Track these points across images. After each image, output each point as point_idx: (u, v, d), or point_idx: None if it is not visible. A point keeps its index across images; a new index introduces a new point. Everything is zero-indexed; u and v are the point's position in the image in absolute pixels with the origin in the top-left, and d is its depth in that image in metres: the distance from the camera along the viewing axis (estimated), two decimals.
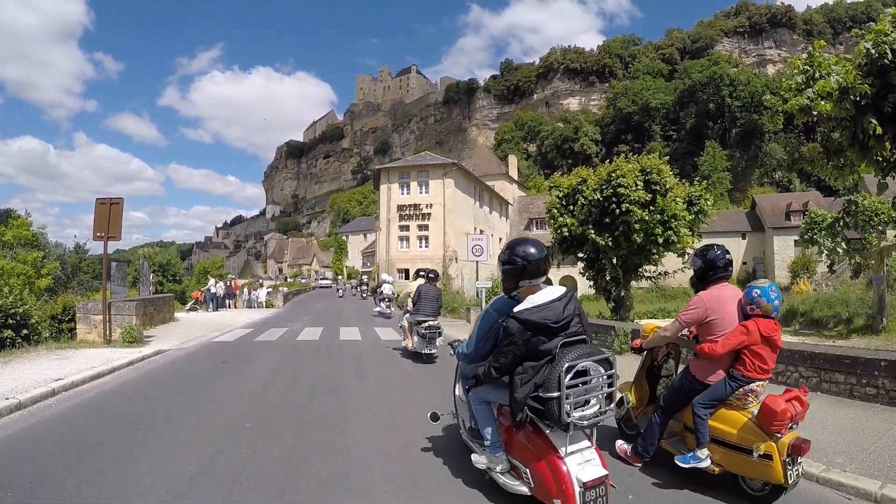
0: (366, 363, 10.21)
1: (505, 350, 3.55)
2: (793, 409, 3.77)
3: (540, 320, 3.46)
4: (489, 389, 3.93)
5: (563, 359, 3.41)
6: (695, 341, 4.44)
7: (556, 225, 18.09)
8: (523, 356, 3.50)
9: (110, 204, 12.03)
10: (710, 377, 4.20)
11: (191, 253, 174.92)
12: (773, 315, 4.13)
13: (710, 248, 4.46)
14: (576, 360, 3.43)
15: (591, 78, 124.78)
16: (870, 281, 20.79)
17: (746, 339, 4.06)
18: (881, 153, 8.76)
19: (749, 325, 4.09)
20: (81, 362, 9.23)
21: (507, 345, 3.53)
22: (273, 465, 4.59)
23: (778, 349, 4.18)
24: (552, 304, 3.54)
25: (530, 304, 3.56)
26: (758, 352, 4.06)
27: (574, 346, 3.52)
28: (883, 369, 6.16)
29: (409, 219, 43.17)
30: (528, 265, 3.68)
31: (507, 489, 3.80)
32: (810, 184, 73.35)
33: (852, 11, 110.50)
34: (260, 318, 21.78)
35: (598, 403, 3.55)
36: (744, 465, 3.94)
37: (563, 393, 3.33)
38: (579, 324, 3.63)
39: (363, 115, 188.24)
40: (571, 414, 3.37)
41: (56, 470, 4.46)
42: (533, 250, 3.72)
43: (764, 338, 4.06)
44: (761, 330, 4.06)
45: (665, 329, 4.62)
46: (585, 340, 3.62)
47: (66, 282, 27.80)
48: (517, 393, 3.48)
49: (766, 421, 3.81)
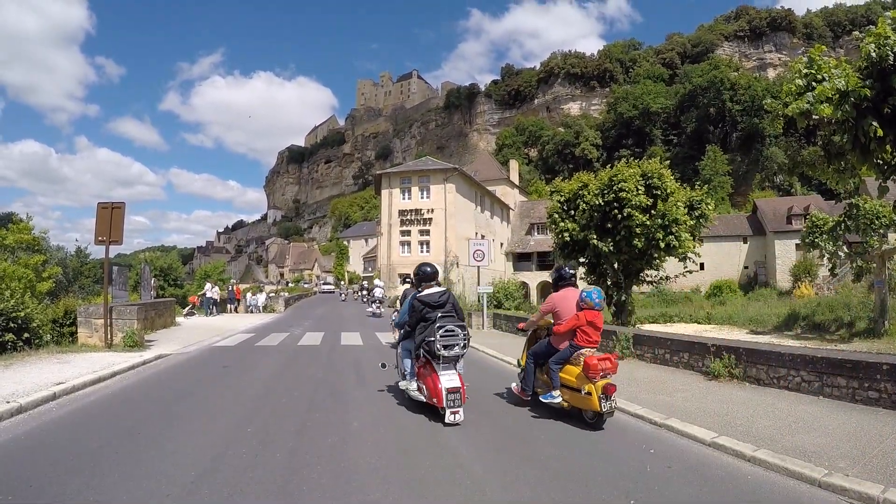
0: (367, 368, 10.20)
1: (412, 315, 6.74)
2: (603, 365, 6.02)
3: (427, 300, 6.67)
4: (408, 342, 7.01)
5: (438, 322, 6.35)
6: (552, 324, 6.84)
7: (557, 230, 18.10)
8: (420, 319, 6.62)
9: (112, 208, 12.04)
10: (560, 345, 6.60)
11: (192, 257, 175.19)
12: (595, 308, 6.45)
13: (561, 266, 7.22)
14: (444, 323, 6.35)
15: (592, 83, 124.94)
16: (871, 284, 20.75)
17: (578, 322, 6.41)
18: (882, 156, 8.76)
19: (580, 314, 6.44)
20: (83, 366, 9.22)
21: (413, 312, 6.72)
22: (274, 470, 4.58)
23: (600, 329, 6.51)
24: (435, 294, 6.77)
25: (425, 293, 6.81)
26: (585, 330, 6.40)
27: (447, 318, 6.48)
28: (885, 373, 6.14)
29: (410, 224, 43.16)
30: (425, 276, 6.97)
31: (415, 398, 6.77)
32: (811, 187, 73.54)
33: (852, 15, 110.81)
34: (261, 323, 21.78)
35: (457, 347, 6.33)
36: (579, 400, 6.16)
37: (436, 339, 6.23)
38: (452, 307, 6.68)
39: (364, 120, 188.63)
40: (441, 351, 6.22)
41: (57, 473, 4.45)
42: (428, 269, 7.04)
43: (589, 322, 6.40)
44: (587, 318, 6.41)
45: (534, 317, 7.54)
46: (454, 315, 6.58)
47: (68, 286, 27.84)
48: (416, 339, 6.65)
49: (587, 371, 6.01)
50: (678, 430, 5.85)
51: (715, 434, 5.52)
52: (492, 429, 6.05)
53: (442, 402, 6.01)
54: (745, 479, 4.52)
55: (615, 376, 6.21)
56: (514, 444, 5.50)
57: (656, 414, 6.40)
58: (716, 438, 5.40)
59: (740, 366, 8.04)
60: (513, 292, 28.49)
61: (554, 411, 6.52)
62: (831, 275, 30.92)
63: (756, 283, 52.97)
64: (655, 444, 5.48)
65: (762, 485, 4.40)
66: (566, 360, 6.44)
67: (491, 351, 12.59)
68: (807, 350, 8.19)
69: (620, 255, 17.06)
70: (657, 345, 10.20)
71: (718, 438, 5.39)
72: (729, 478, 4.56)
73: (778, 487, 4.34)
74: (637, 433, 5.95)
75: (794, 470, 4.51)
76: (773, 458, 4.75)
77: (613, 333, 11.30)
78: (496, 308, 23.57)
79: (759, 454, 4.88)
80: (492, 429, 6.05)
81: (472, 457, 5.05)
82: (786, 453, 4.86)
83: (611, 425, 6.20)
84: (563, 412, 6.42)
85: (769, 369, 7.63)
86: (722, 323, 28.99)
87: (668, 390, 7.78)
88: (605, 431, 6.00)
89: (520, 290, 31.39)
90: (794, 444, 5.13)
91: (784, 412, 6.25)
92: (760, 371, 7.77)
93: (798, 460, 4.67)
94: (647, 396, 7.40)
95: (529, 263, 58.98)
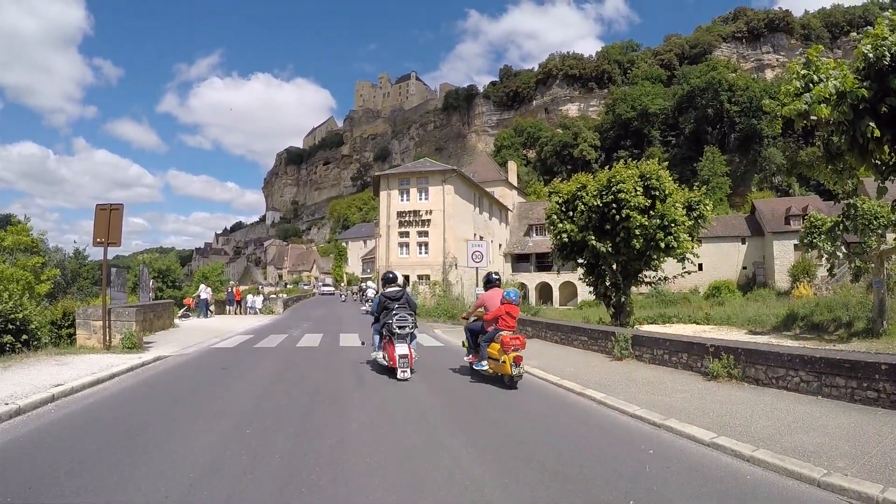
0: (366, 370, 10.20)
1: (378, 307, 9.59)
2: (514, 342, 8.29)
3: (388, 296, 9.51)
4: (377, 326, 9.76)
5: (396, 311, 9.22)
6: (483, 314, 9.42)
7: (555, 231, 18.08)
8: (383, 309, 9.44)
9: (110, 210, 12.03)
10: (489, 328, 9.06)
11: (191, 259, 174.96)
12: (512, 302, 9.02)
13: (490, 273, 10.26)
14: (399, 312, 9.20)
15: (590, 84, 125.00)
16: (870, 284, 20.80)
17: (499, 312, 8.90)
18: (880, 156, 8.76)
19: (501, 307, 8.94)
20: (81, 368, 9.22)
21: (378, 304, 9.61)
22: (273, 472, 4.58)
23: (515, 318, 9.15)
24: (393, 292, 9.58)
25: (387, 291, 9.67)
26: (505, 318, 8.88)
27: (401, 308, 9.30)
28: (883, 373, 6.14)
29: (408, 225, 43.13)
30: (387, 280, 9.98)
31: (381, 363, 9.57)
32: (809, 188, 73.71)
33: (850, 16, 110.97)
34: (260, 325, 21.78)
35: (407, 328, 9.14)
36: (498, 367, 8.53)
37: (393, 322, 9.07)
38: (405, 300, 9.47)
39: (363, 122, 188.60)
40: (396, 331, 9.04)
41: (55, 475, 4.44)
42: (390, 275, 10.11)
43: (507, 312, 8.89)
44: (506, 309, 8.91)
45: (471, 310, 10.30)
46: (407, 306, 9.40)
47: (66, 287, 27.83)
48: (378, 324, 9.63)
49: (503, 346, 8.35)
50: (677, 430, 5.85)
51: (714, 434, 5.52)
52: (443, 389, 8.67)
53: (395, 363, 8.94)
54: (745, 479, 4.52)
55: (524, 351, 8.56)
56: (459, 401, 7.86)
57: (655, 414, 6.41)
58: (715, 438, 5.40)
59: (739, 366, 8.05)
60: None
61: (483, 377, 9.04)
62: (830, 275, 30.97)
63: (754, 283, 53.04)
64: (654, 445, 5.48)
65: (761, 485, 4.40)
66: (491, 339, 8.84)
67: None
68: (805, 350, 8.20)
69: (619, 256, 17.06)
70: (656, 345, 10.20)
71: (717, 438, 5.39)
72: (728, 478, 4.56)
73: (777, 487, 4.35)
74: (636, 433, 5.95)
75: (793, 470, 4.52)
76: (772, 458, 4.76)
77: (612, 334, 11.30)
78: None
79: (758, 454, 4.89)
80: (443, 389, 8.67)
81: (464, 449, 5.05)
82: (785, 453, 4.86)
83: (610, 424, 6.24)
84: (490, 378, 8.90)
85: (768, 369, 7.64)
86: (720, 323, 29.01)
87: (666, 391, 7.78)
88: (603, 430, 6.11)
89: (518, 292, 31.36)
90: (793, 443, 5.14)
91: (783, 412, 6.25)
92: (759, 371, 7.77)
93: (797, 460, 4.67)
94: (645, 397, 7.41)
95: (528, 264, 59.04)
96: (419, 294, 34.04)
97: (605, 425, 6.39)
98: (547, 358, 11.41)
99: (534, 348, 13.22)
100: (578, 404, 7.57)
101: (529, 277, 57.12)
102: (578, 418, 6.75)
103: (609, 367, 10.07)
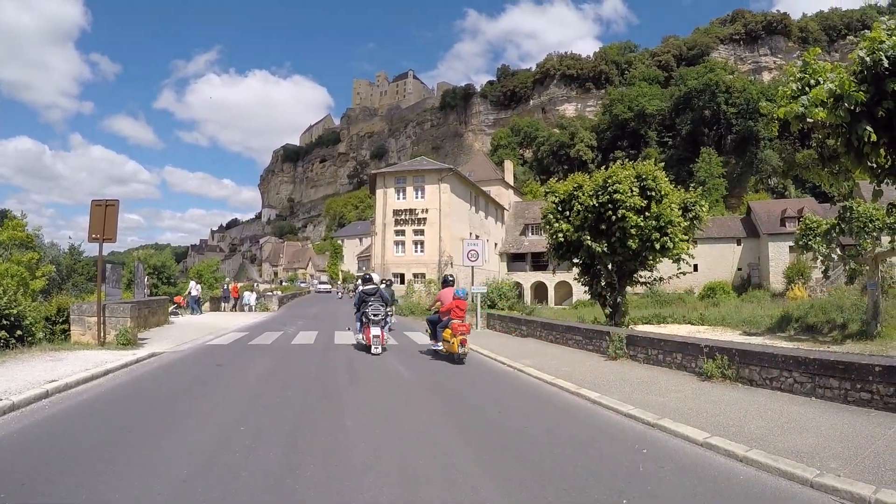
0: (360, 366, 10.19)
1: (359, 300, 12.83)
2: (461, 328, 10.88)
3: (366, 292, 12.61)
4: (358, 314, 12.87)
5: (371, 303, 12.19)
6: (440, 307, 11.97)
7: (551, 230, 18.13)
8: (362, 301, 12.53)
9: (106, 206, 11.98)
10: (444, 318, 11.52)
11: (186, 256, 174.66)
12: (462, 298, 11.76)
13: (448, 275, 13.00)
14: (373, 304, 12.17)
15: (588, 84, 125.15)
16: (864, 287, 20.87)
17: (451, 306, 11.35)
18: (876, 160, 8.79)
19: (453, 301, 11.42)
20: (76, 364, 9.18)
21: (359, 299, 12.86)
22: (268, 469, 4.57)
23: (464, 310, 11.73)
24: (371, 288, 12.67)
25: (365, 288, 12.86)
26: (456, 310, 11.25)
27: (376, 301, 12.24)
28: (877, 374, 6.17)
29: (404, 223, 43.12)
30: (364, 280, 13.48)
31: (360, 342, 12.65)
32: (805, 190, 73.95)
33: (847, 19, 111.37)
34: (255, 322, 21.73)
35: (379, 316, 12.09)
36: (449, 346, 11.06)
37: (370, 311, 12.06)
38: (379, 296, 12.46)
39: (360, 120, 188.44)
40: (371, 317, 12.00)
41: (49, 472, 4.43)
42: (368, 276, 13.85)
43: (457, 306, 11.31)
44: (457, 304, 11.37)
45: (432, 304, 13.21)
46: (380, 300, 12.40)
47: (61, 283, 27.67)
48: (359, 313, 12.79)
49: (453, 331, 10.94)
50: (671, 430, 5.86)
51: (707, 434, 5.54)
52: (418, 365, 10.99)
53: (370, 342, 11.74)
54: (738, 479, 4.54)
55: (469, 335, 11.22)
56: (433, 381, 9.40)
57: (649, 414, 6.43)
58: (708, 439, 5.42)
59: (733, 367, 8.07)
60: (507, 292, 28.48)
61: (440, 355, 11.50)
62: (824, 277, 31.12)
63: (749, 284, 53.24)
64: (648, 444, 5.50)
65: (754, 485, 4.42)
66: (446, 326, 11.35)
67: (485, 351, 12.54)
68: (799, 351, 8.22)
69: (614, 256, 17.11)
70: (650, 345, 10.23)
71: (711, 439, 5.41)
72: (721, 478, 4.58)
73: (770, 487, 4.36)
74: (630, 433, 5.97)
75: (786, 470, 4.54)
76: (765, 459, 4.78)
77: (607, 334, 11.32)
78: (490, 308, 23.58)
79: (751, 454, 4.91)
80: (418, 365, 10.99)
81: (454, 440, 5.07)
82: (778, 453, 4.88)
83: (603, 423, 6.28)
84: (444, 356, 11.38)
85: (762, 370, 7.67)
86: (715, 324, 29.07)
87: (660, 391, 7.80)
88: (597, 429, 6.17)
89: (514, 291, 31.35)
90: (787, 444, 5.16)
91: (776, 413, 6.28)
92: (753, 372, 7.80)
93: (790, 460, 4.69)
94: (639, 396, 7.42)
95: (524, 264, 59.04)
96: (414, 292, 34.09)
97: (599, 424, 6.41)
98: (541, 357, 11.44)
99: (528, 347, 13.33)
100: (570, 401, 7.58)
101: (525, 277, 57.13)
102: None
103: (604, 367, 10.08)
